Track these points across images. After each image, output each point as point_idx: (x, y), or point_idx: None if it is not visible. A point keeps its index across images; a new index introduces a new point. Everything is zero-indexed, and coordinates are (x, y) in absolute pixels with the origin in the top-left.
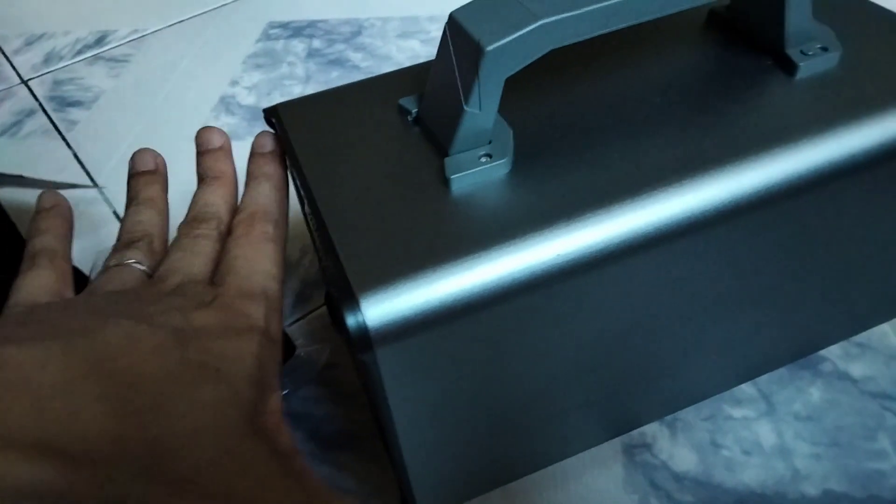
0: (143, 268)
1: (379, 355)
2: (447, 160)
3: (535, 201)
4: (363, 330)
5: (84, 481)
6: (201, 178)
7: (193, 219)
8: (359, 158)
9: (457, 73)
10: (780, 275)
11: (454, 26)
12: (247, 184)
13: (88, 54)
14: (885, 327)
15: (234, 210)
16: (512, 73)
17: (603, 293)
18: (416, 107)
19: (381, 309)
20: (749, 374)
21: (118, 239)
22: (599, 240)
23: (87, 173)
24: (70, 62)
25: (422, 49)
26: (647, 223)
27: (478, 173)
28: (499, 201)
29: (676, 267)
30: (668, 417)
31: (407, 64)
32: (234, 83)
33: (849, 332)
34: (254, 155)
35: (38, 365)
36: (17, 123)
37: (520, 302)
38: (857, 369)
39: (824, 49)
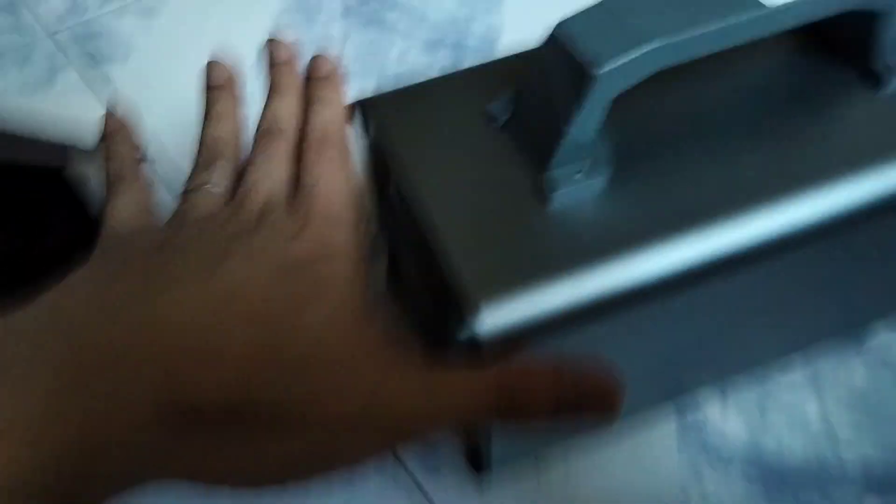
0: (221, 191)
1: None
2: (546, 176)
3: (632, 218)
4: (474, 338)
5: (237, 401)
6: (271, 88)
7: (267, 132)
8: (454, 166)
9: (557, 93)
10: (852, 282)
11: (557, 43)
12: (307, 107)
13: (115, 5)
14: None
15: (301, 126)
16: (618, 94)
17: (694, 304)
18: (505, 113)
19: (495, 319)
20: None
21: (198, 154)
22: (693, 257)
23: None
24: (97, 14)
25: (458, 11)
26: (738, 241)
27: (577, 189)
28: (597, 217)
29: (763, 282)
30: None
31: (445, 26)
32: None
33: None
34: (311, 79)
35: (189, 310)
36: (47, 81)
37: (616, 315)
38: None
39: None
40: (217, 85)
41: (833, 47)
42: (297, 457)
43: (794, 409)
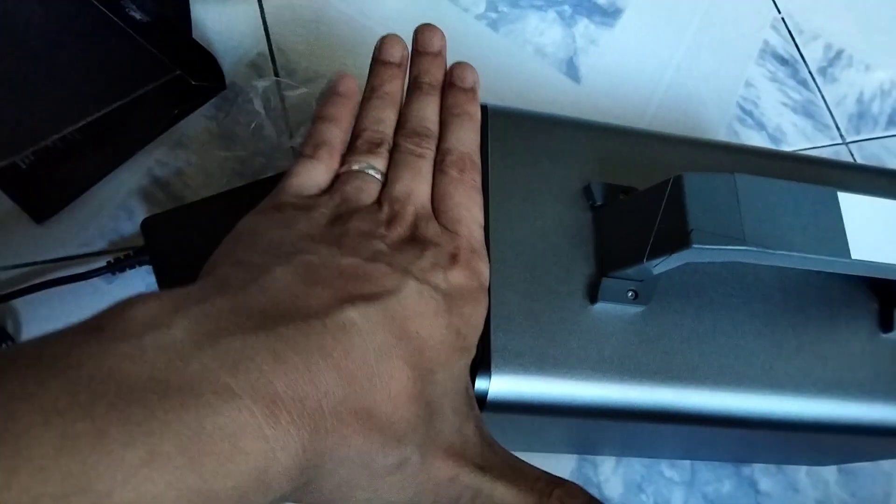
0: (380, 178)
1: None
2: (604, 282)
3: (651, 350)
4: (484, 394)
5: (389, 443)
6: (416, 83)
7: (414, 132)
8: (533, 216)
9: (654, 229)
10: (757, 445)
11: (678, 189)
12: (447, 118)
13: None
14: (802, 469)
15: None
16: (698, 262)
17: (641, 428)
18: (601, 198)
19: (502, 388)
20: (694, 457)
21: (361, 130)
22: (673, 403)
23: None
24: None
25: None
26: (713, 407)
27: (620, 307)
28: (622, 337)
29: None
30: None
31: None
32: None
33: (777, 461)
34: (453, 87)
35: (370, 330)
36: None
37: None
38: (765, 483)
39: None
40: (391, 62)
41: (868, 281)
42: (403, 501)
43: (661, 496)
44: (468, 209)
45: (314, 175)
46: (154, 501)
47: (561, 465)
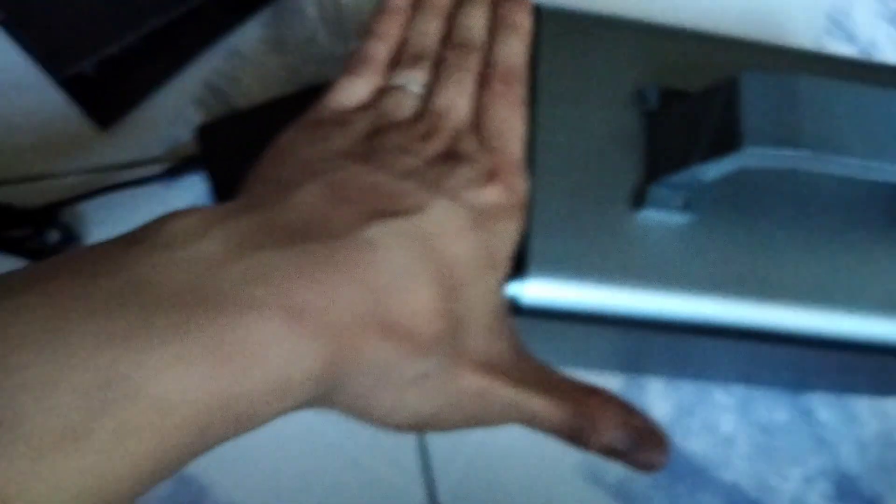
0: (421, 91)
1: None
2: (650, 188)
3: (691, 263)
4: (519, 299)
5: (411, 355)
6: None
7: (462, 44)
8: (583, 123)
9: (705, 132)
10: (815, 371)
11: (734, 89)
12: (496, 28)
13: None
14: (863, 401)
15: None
16: (753, 167)
17: (693, 343)
18: (655, 102)
19: (538, 293)
20: (750, 381)
21: (406, 43)
22: (722, 317)
23: None
24: None
25: None
26: (755, 321)
27: (667, 215)
28: (667, 247)
29: (752, 350)
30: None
31: None
32: None
33: (838, 390)
34: None
35: (395, 247)
36: None
37: (634, 330)
38: (823, 414)
39: None
40: None
41: None
42: (432, 412)
43: (712, 419)
44: (510, 124)
45: (355, 90)
46: (182, 395)
47: (606, 385)
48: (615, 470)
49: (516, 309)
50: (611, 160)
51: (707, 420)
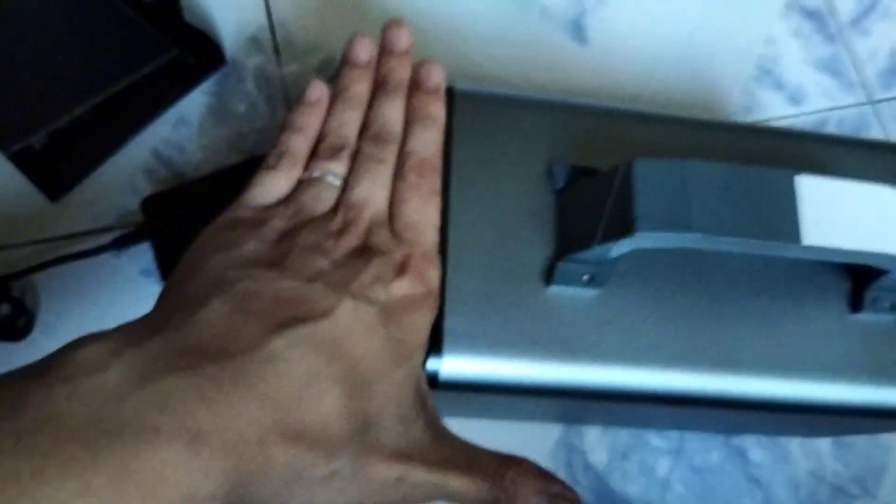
0: (339, 183)
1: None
2: (558, 266)
3: (605, 332)
4: (435, 374)
5: (319, 458)
6: (382, 84)
7: (378, 137)
8: (495, 199)
9: (605, 214)
10: (734, 420)
11: (629, 175)
12: (411, 120)
13: None
14: (795, 440)
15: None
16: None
17: (606, 407)
18: (563, 180)
19: (454, 369)
20: (684, 428)
21: (324, 135)
22: (632, 385)
23: None
24: None
25: None
26: (669, 388)
27: (575, 289)
28: (575, 320)
29: (668, 411)
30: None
31: None
32: None
33: (769, 434)
34: (418, 89)
35: (298, 357)
36: None
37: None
38: (756, 454)
39: (892, 307)
40: (359, 63)
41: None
42: None
43: (649, 462)
44: (423, 214)
45: (274, 185)
46: None
47: (547, 433)
48: None
49: (434, 383)
50: (522, 237)
51: (643, 463)
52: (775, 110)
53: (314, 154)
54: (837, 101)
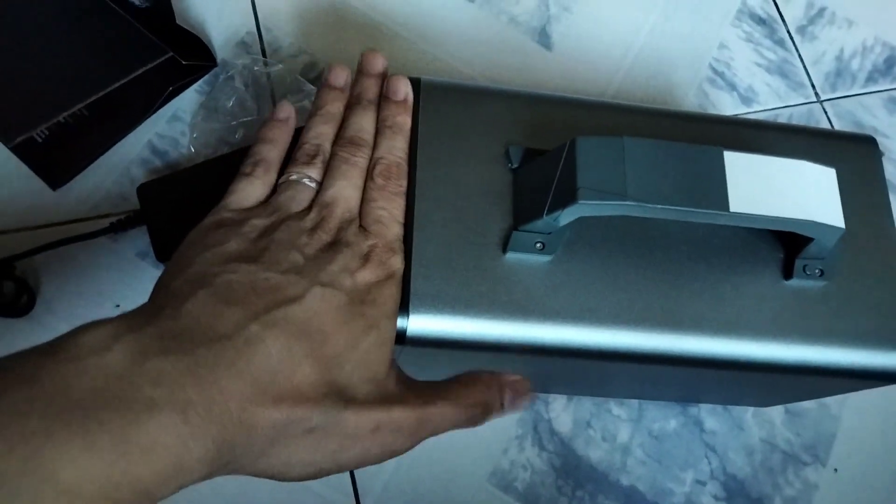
0: (314, 185)
1: (405, 350)
2: (514, 235)
3: (556, 294)
4: (403, 331)
5: (297, 417)
6: (356, 100)
7: (351, 142)
8: (459, 177)
9: (552, 187)
10: (689, 384)
11: (572, 151)
12: (380, 129)
13: None
14: (749, 410)
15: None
16: (590, 216)
17: (566, 364)
18: (518, 160)
19: (419, 327)
20: (642, 396)
21: (301, 144)
22: (581, 342)
23: None
24: None
25: None
26: (614, 345)
27: (530, 255)
28: (531, 282)
29: (623, 369)
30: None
31: None
32: None
33: (722, 402)
34: (387, 100)
35: (273, 338)
36: None
37: (518, 355)
38: (711, 422)
39: (821, 273)
40: (336, 86)
41: (776, 233)
42: (326, 458)
43: (611, 429)
44: (388, 211)
45: (251, 190)
46: (91, 480)
47: None
48: (523, 476)
49: (402, 339)
50: (482, 210)
51: (606, 430)
52: (728, 109)
53: (291, 161)
54: (787, 101)
